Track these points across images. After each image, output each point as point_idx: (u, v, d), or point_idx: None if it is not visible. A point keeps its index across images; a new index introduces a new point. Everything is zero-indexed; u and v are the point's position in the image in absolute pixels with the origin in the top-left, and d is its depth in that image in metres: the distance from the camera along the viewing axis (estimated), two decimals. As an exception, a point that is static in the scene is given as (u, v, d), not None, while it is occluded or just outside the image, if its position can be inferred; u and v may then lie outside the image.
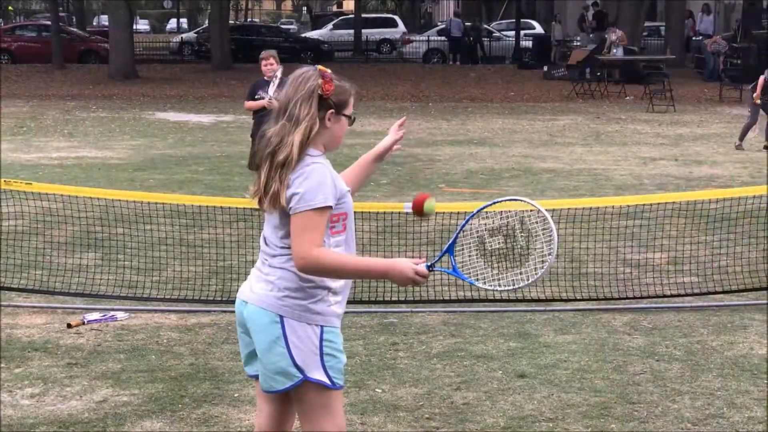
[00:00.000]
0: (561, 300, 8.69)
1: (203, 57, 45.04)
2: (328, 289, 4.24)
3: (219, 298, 8.66)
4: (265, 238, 4.32)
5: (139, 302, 8.61)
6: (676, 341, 7.60)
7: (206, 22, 56.32)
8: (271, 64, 12.50)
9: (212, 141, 20.10)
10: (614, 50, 32.92)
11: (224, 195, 13.47)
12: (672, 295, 8.77)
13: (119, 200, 10.48)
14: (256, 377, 4.40)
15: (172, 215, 10.76)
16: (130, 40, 36.18)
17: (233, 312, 8.32)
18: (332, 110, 4.24)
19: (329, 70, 4.27)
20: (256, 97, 12.57)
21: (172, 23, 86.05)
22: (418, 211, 4.63)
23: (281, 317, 4.18)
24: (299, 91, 4.20)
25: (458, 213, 10.97)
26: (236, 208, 11.00)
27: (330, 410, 4.26)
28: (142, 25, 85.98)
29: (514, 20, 45.77)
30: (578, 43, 41.55)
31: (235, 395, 6.49)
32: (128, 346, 7.49)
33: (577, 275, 9.45)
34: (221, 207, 10.90)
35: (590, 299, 8.70)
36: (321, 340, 4.21)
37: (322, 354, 4.21)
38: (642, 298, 8.74)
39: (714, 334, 7.77)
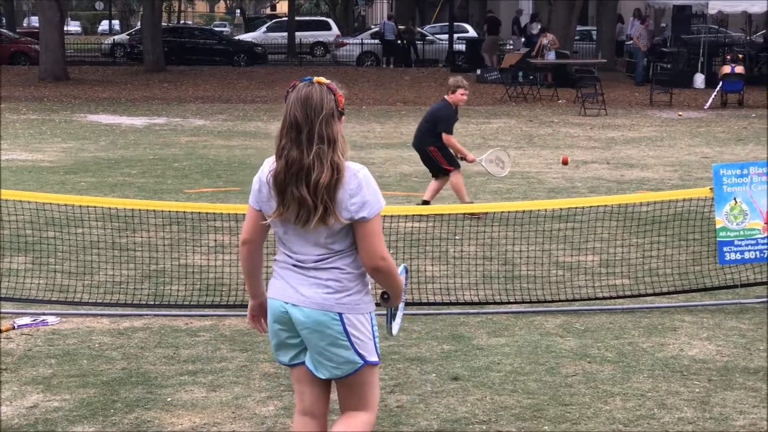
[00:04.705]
0: (494, 303, 8.74)
1: (135, 59, 44.68)
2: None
3: (152, 302, 8.60)
4: (291, 248, 4.52)
5: (70, 306, 8.52)
6: (607, 343, 7.67)
7: (138, 24, 55.93)
8: (467, 95, 12.71)
9: (145, 144, 19.96)
10: (546, 54, 33.19)
11: (157, 198, 13.38)
12: (604, 298, 8.85)
13: (50, 203, 10.35)
14: (293, 365, 4.66)
15: (104, 218, 10.67)
16: (61, 42, 35.76)
17: (166, 316, 8.35)
18: (343, 116, 4.49)
19: (326, 79, 4.46)
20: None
21: (104, 25, 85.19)
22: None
23: (340, 315, 4.48)
24: (319, 111, 4.35)
25: (398, 216, 11.01)
26: (169, 211, 10.93)
27: (375, 383, 4.67)
28: (73, 26, 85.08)
29: (447, 24, 45.91)
30: (510, 47, 41.84)
31: (168, 399, 6.45)
32: (59, 350, 7.41)
33: (510, 278, 9.51)
34: (154, 210, 10.83)
35: (523, 302, 8.76)
36: (372, 325, 4.58)
37: (374, 337, 4.59)
38: (574, 300, 8.82)
39: (645, 336, 7.86)
